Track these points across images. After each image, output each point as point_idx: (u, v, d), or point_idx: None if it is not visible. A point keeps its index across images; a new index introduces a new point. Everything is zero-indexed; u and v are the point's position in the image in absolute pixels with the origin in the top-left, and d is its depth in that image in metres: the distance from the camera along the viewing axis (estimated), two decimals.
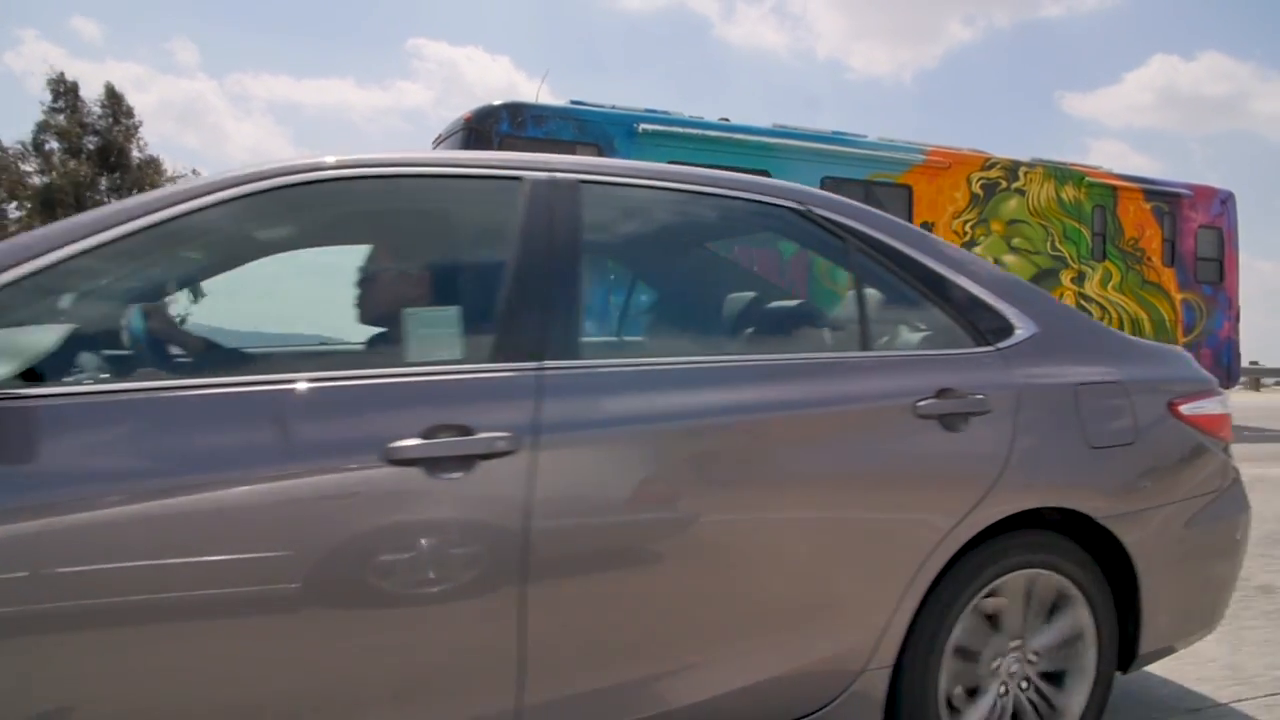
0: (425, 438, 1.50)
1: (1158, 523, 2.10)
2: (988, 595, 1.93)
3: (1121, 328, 11.53)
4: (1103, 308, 11.46)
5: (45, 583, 1.30)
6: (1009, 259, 10.84)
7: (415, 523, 1.50)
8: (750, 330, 2.28)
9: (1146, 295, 11.79)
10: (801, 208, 2.05)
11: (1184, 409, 2.19)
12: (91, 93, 26.67)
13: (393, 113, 75.17)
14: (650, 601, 1.66)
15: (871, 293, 2.11)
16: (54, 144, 25.39)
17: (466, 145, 8.51)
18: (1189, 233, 12.20)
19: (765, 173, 9.46)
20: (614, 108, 9.14)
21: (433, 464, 1.49)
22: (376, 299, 2.05)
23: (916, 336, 2.13)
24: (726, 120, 9.80)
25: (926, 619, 1.84)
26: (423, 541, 1.49)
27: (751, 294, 2.45)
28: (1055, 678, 2.04)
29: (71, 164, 24.87)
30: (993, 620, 1.96)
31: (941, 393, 1.90)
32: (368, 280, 2.08)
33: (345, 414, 1.53)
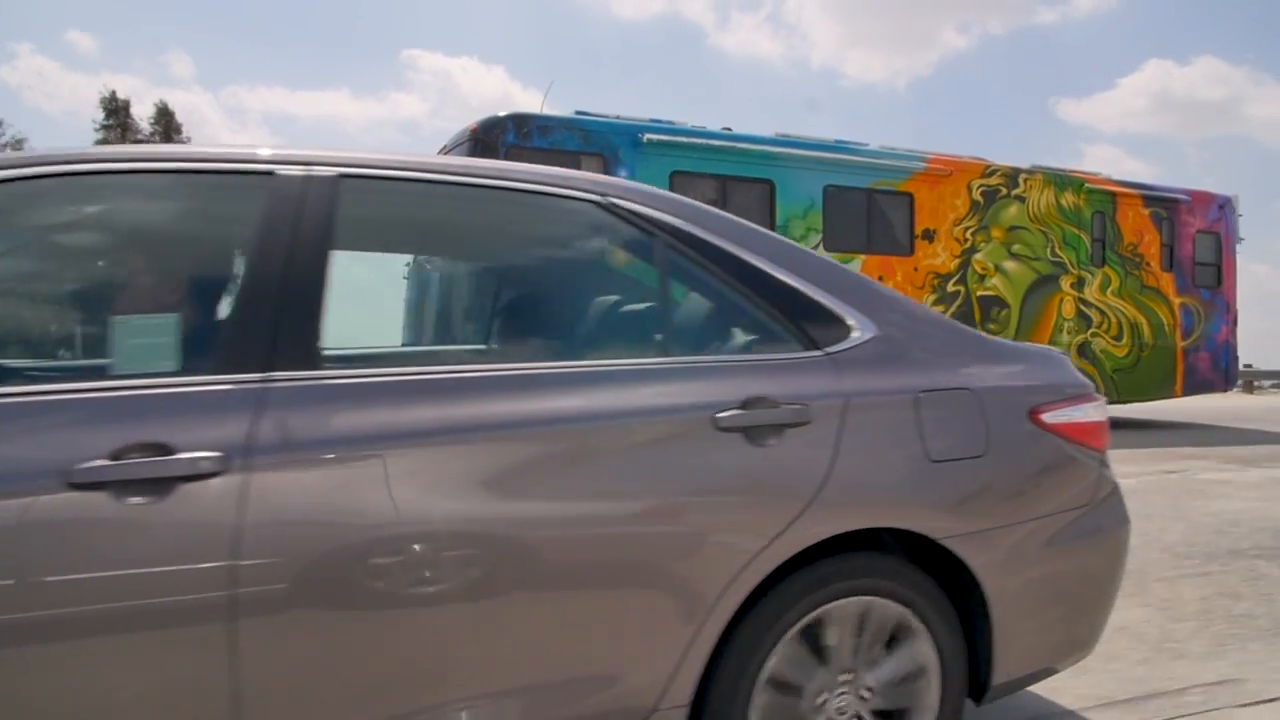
0: (114, 459, 1.36)
1: (1012, 542, 1.93)
2: (811, 624, 1.76)
3: (1121, 333, 11.64)
4: (1102, 313, 11.55)
5: None
6: (1009, 265, 10.94)
7: (102, 553, 1.35)
8: (534, 336, 2.13)
9: (1145, 300, 11.88)
10: (602, 200, 1.86)
11: (1048, 417, 2.02)
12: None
13: (388, 124, 75.27)
14: (391, 639, 1.48)
15: (680, 293, 1.96)
16: None
17: (472, 155, 8.57)
18: (1187, 238, 12.31)
19: (770, 182, 9.57)
20: (618, 118, 9.20)
21: (122, 487, 1.36)
22: (93, 306, 1.86)
23: (733, 341, 1.97)
24: (729, 129, 9.87)
25: (733, 651, 1.68)
26: (112, 573, 1.34)
27: (539, 295, 2.29)
28: (894, 716, 1.86)
29: None
30: (820, 651, 1.78)
31: (749, 403, 1.72)
32: (87, 287, 1.90)
33: (23, 434, 1.39)
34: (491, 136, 8.50)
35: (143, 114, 27.28)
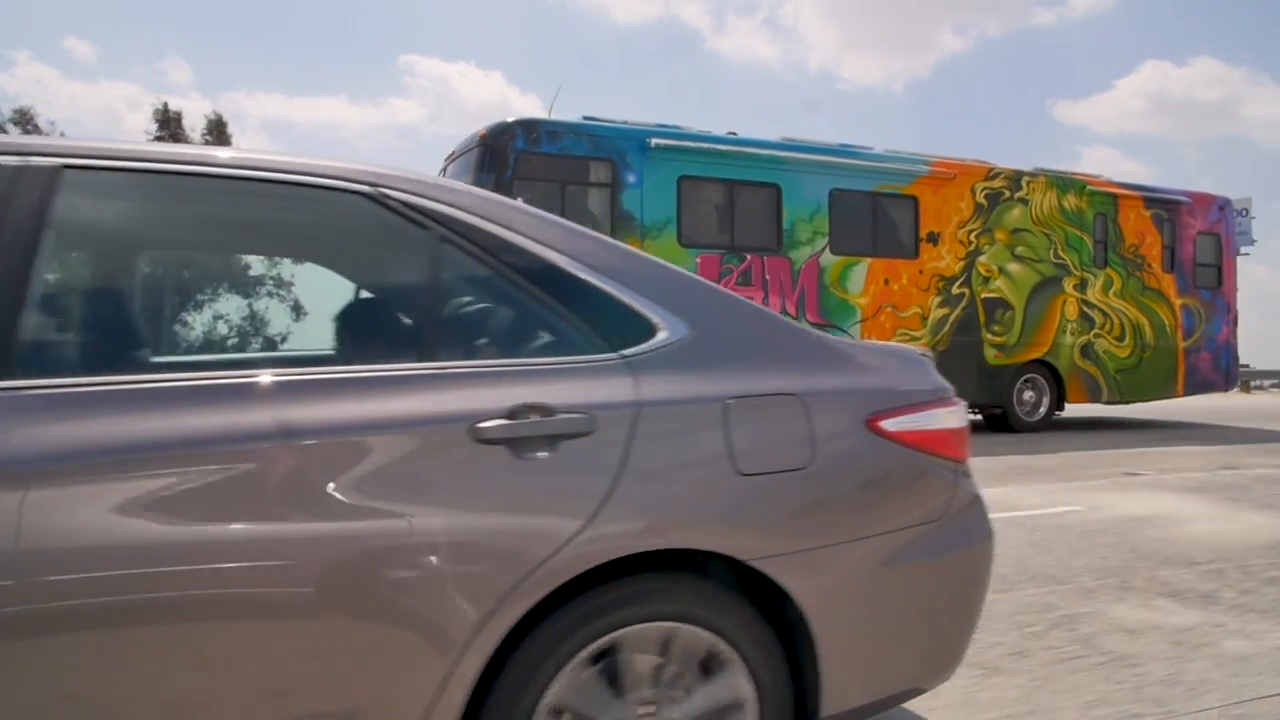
0: None
1: (842, 562, 1.77)
2: (603, 651, 1.60)
3: (1124, 334, 11.72)
4: (1105, 314, 11.63)
5: None
6: (1013, 267, 11.01)
7: None
8: (271, 339, 1.93)
9: (1147, 301, 11.97)
10: (372, 190, 1.70)
11: (889, 424, 1.86)
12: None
13: (386, 130, 75.43)
14: (86, 676, 1.33)
15: (457, 292, 1.82)
16: None
17: (482, 162, 8.62)
18: (1188, 239, 12.40)
19: (776, 186, 9.63)
20: (626, 123, 9.25)
21: None
22: None
23: (514, 344, 1.80)
24: (734, 134, 9.93)
25: (507, 679, 1.54)
26: None
27: (284, 295, 2.08)
28: None
29: None
30: (616, 681, 1.63)
31: (517, 412, 1.56)
32: None
33: None
34: (501, 142, 8.55)
35: (191, 125, 27.46)
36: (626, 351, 1.70)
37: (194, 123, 27.85)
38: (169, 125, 27.01)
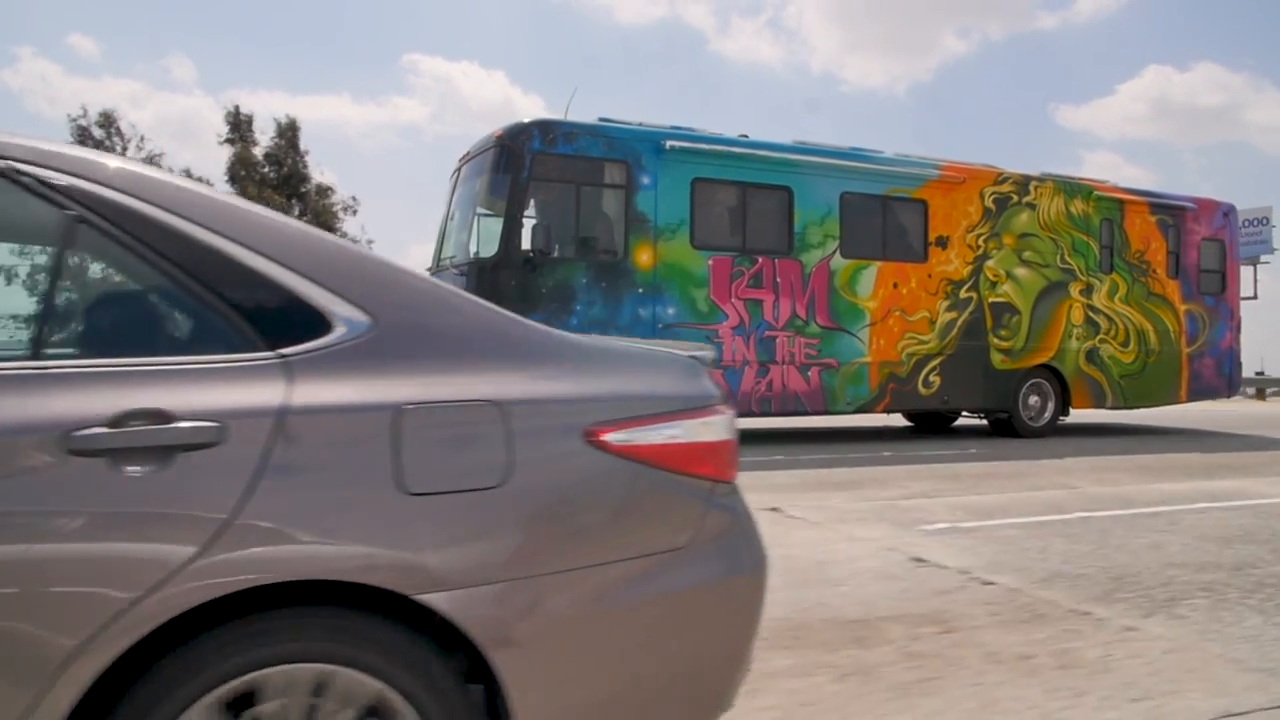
0: None
1: (544, 599, 1.54)
2: (240, 696, 1.39)
3: (1128, 339, 11.81)
4: (1110, 319, 11.71)
5: None
6: (1020, 271, 11.09)
7: None
8: None
9: (1152, 307, 12.06)
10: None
11: (614, 437, 1.62)
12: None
13: (389, 128, 74.97)
14: None
15: (82, 279, 1.62)
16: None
17: (498, 162, 8.66)
18: (1192, 245, 12.49)
19: (788, 188, 9.70)
20: (641, 125, 9.30)
21: None
22: None
23: (143, 339, 1.59)
24: (745, 136, 9.98)
25: None
26: None
27: None
28: None
29: (267, 192, 26.33)
30: None
31: (123, 419, 1.36)
32: None
33: None
34: (518, 143, 8.59)
35: (261, 128, 28.16)
36: (287, 350, 1.49)
37: (264, 125, 28.38)
38: (240, 128, 27.44)
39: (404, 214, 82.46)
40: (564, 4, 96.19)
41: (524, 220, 8.48)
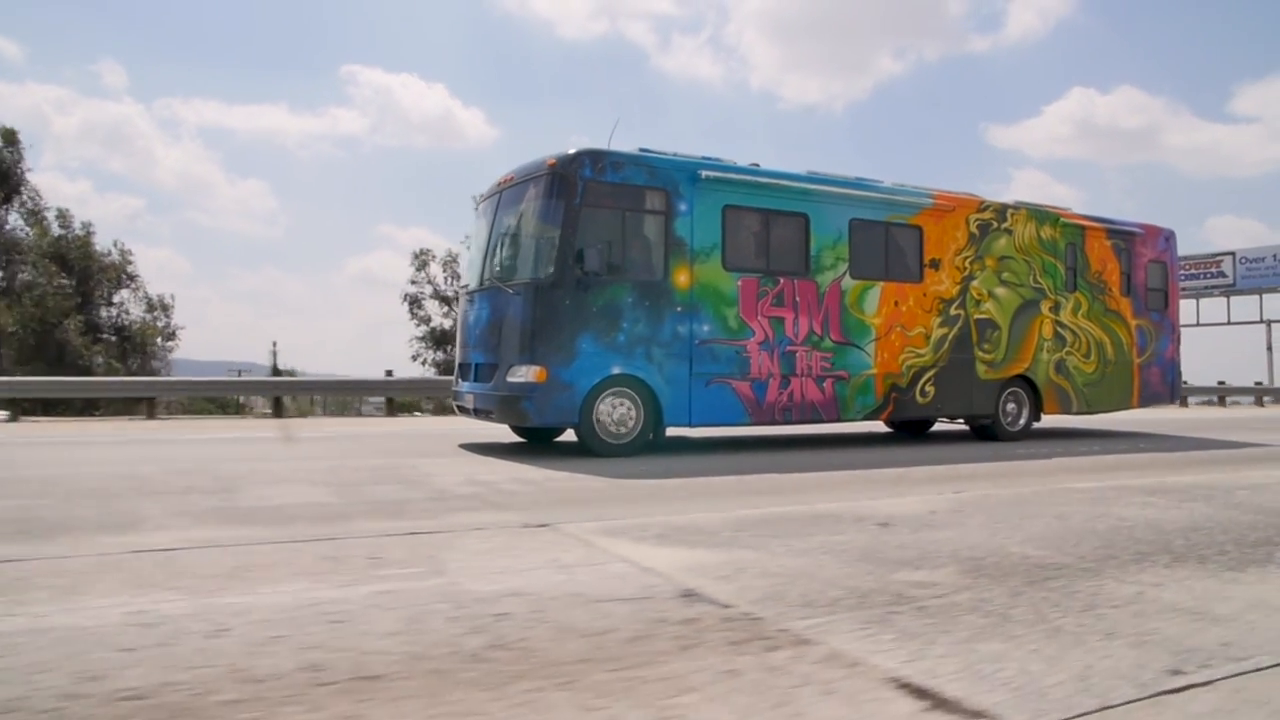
0: None
1: None
2: None
3: (1090, 351, 13.11)
4: (1074, 333, 12.97)
5: None
6: (1000, 291, 12.21)
7: None
8: None
9: (1109, 322, 13.39)
10: None
11: None
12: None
13: (326, 139, 74.05)
14: None
15: None
16: None
17: (551, 189, 9.22)
18: (1141, 266, 13.90)
19: (805, 215, 10.56)
20: (676, 155, 9.99)
21: None
22: None
23: None
24: (756, 165, 10.78)
25: None
26: None
27: None
28: None
29: None
30: None
31: None
32: None
33: None
34: (570, 170, 9.17)
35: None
36: None
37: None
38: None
39: (341, 225, 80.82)
40: (506, 19, 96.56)
41: (576, 243, 9.05)
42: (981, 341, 12.01)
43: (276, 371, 40.34)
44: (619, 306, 9.27)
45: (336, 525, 4.84)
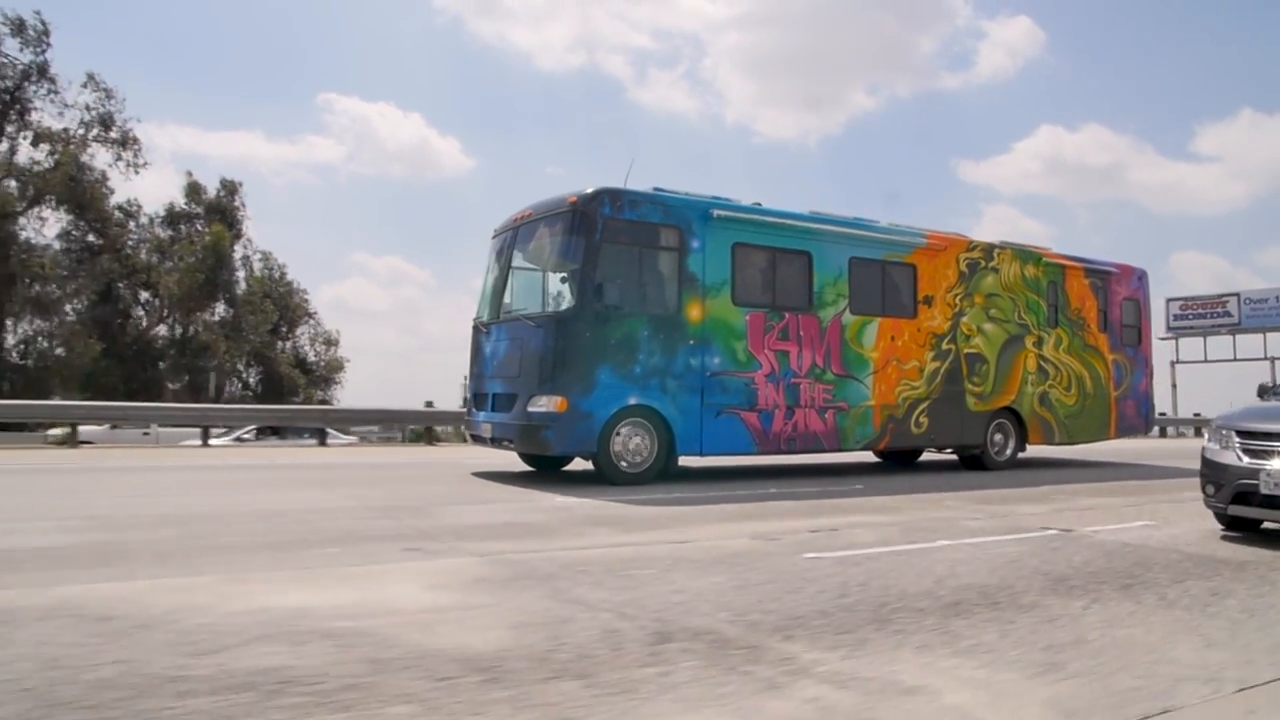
0: None
1: None
2: None
3: (1070, 384, 13.72)
4: (1056, 367, 13.57)
5: None
6: (988, 326, 12.77)
7: None
8: None
9: (1088, 357, 14.02)
10: None
11: None
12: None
13: (301, 166, 73.14)
14: None
15: None
16: None
17: (572, 226, 9.57)
18: (1116, 304, 14.60)
19: (808, 253, 11.04)
20: (689, 194, 10.42)
21: None
22: None
23: None
24: (759, 204, 11.25)
25: None
26: None
27: None
28: None
29: None
30: None
31: None
32: None
33: None
34: (591, 208, 9.53)
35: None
36: None
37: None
38: None
39: (315, 253, 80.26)
40: (484, 50, 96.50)
41: (596, 278, 9.39)
42: (971, 375, 12.53)
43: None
44: (635, 339, 9.62)
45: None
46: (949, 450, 13.26)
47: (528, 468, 11.12)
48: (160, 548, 5.11)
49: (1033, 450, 13.65)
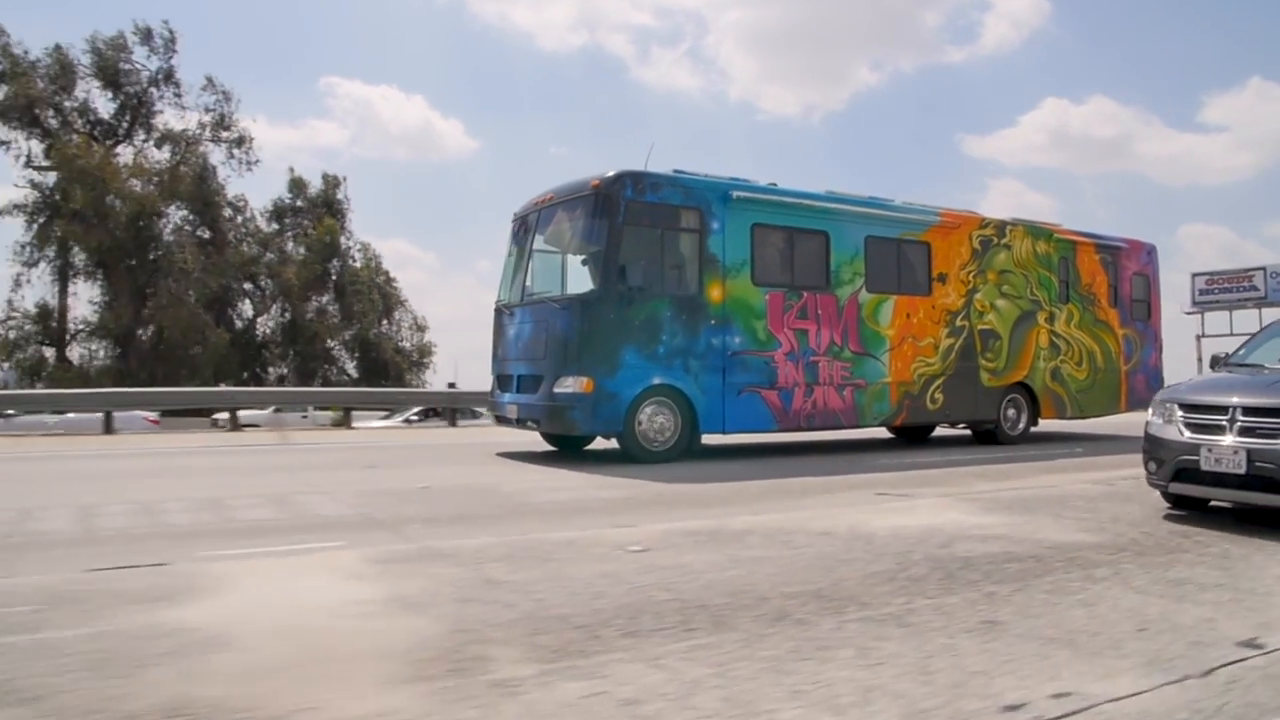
0: None
1: None
2: None
3: (1082, 359, 13.88)
4: (1068, 343, 13.72)
5: None
6: (1001, 303, 12.91)
7: None
8: None
9: (1098, 332, 14.17)
10: None
11: None
12: None
13: (304, 150, 72.74)
14: None
15: None
16: None
17: (596, 209, 9.69)
18: (1126, 279, 14.72)
19: (826, 233, 11.15)
20: (708, 176, 10.52)
21: None
22: None
23: None
24: (774, 184, 11.35)
25: None
26: None
27: None
28: None
29: None
30: None
31: None
32: None
33: None
34: (614, 190, 9.64)
35: None
36: None
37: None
38: None
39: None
40: (485, 31, 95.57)
41: (619, 259, 9.53)
42: (985, 351, 12.69)
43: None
44: (658, 320, 9.76)
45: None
46: (962, 425, 13.45)
47: (550, 447, 11.32)
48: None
49: (1045, 424, 13.83)
